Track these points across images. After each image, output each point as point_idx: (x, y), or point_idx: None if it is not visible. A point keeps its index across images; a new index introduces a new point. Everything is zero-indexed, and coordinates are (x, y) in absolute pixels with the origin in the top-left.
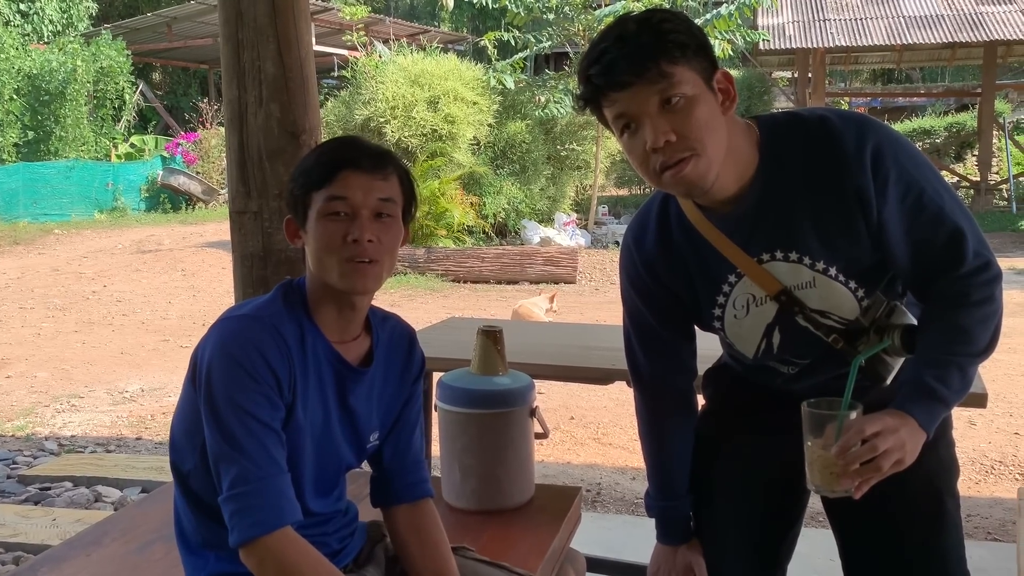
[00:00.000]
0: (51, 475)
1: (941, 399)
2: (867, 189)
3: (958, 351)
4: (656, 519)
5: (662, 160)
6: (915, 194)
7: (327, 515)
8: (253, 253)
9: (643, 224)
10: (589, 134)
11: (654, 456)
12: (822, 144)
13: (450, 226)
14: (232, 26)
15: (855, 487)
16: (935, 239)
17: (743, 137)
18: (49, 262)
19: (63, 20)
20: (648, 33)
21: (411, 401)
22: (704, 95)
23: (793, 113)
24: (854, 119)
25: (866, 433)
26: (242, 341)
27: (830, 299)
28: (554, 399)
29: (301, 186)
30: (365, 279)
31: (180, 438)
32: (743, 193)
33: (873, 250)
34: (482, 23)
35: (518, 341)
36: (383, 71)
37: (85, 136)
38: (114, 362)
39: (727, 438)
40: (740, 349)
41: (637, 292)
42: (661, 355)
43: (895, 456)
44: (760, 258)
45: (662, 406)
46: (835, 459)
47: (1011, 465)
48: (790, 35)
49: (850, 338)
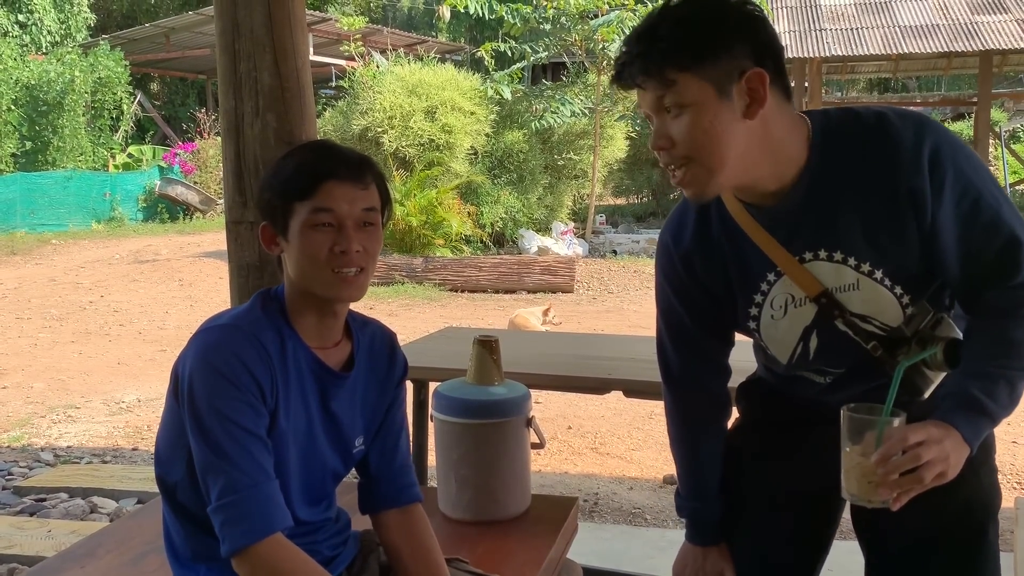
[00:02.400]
0: (47, 486)
1: (987, 413)
2: (923, 190)
3: (1008, 364)
4: (687, 519)
5: (664, 160)
6: (972, 198)
7: (317, 523)
8: (249, 263)
9: (681, 220)
10: (586, 143)
11: (685, 458)
12: (878, 142)
13: (448, 235)
14: (229, 36)
15: (894, 498)
16: (990, 246)
17: (789, 133)
18: (46, 272)
19: (61, 31)
20: (664, 36)
21: (395, 405)
22: (709, 104)
23: (848, 109)
24: (913, 117)
25: (909, 442)
26: (222, 350)
27: (873, 303)
28: (551, 409)
29: (281, 196)
30: (352, 288)
31: (165, 451)
32: (788, 189)
33: (922, 255)
34: (479, 33)
35: (514, 351)
36: (380, 81)
37: (83, 146)
38: (111, 372)
39: (760, 455)
40: (774, 353)
41: (673, 289)
42: (694, 355)
43: (938, 468)
44: (802, 257)
45: (693, 408)
46: (875, 467)
47: (1008, 474)
48: (786, 44)
49: (890, 346)
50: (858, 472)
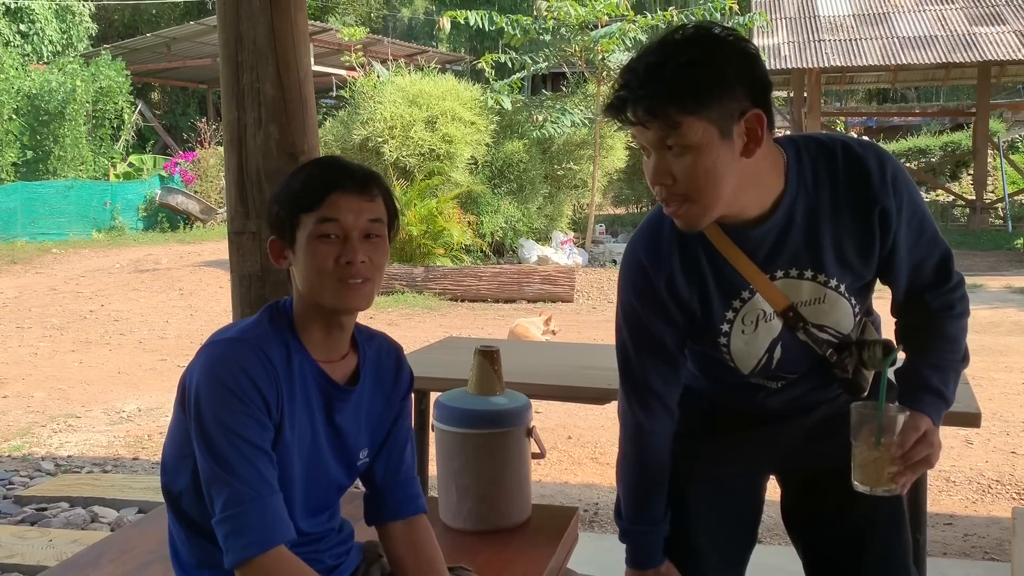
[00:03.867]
0: (47, 495)
1: (946, 400)
2: (890, 211)
3: (952, 357)
4: (630, 545)
5: (662, 195)
6: (919, 218)
7: (320, 534)
8: (251, 273)
9: (655, 237)
10: (586, 153)
11: (639, 479)
12: (850, 169)
13: (448, 245)
14: (232, 48)
15: (902, 485)
16: (929, 258)
17: (769, 163)
18: (47, 281)
19: (63, 40)
20: (670, 76)
21: (401, 418)
22: (712, 145)
23: (813, 138)
24: (872, 147)
25: (921, 431)
26: (229, 364)
27: (834, 314)
28: (551, 419)
29: (288, 208)
30: (357, 298)
31: (171, 461)
32: (767, 214)
33: (877, 268)
34: (480, 44)
35: (515, 361)
36: (381, 91)
37: (84, 155)
38: (111, 382)
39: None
40: (737, 365)
41: (648, 306)
42: (662, 372)
43: (939, 451)
44: (774, 275)
45: (656, 426)
46: (892, 459)
47: (1008, 484)
48: (786, 55)
49: (840, 351)
50: (876, 464)
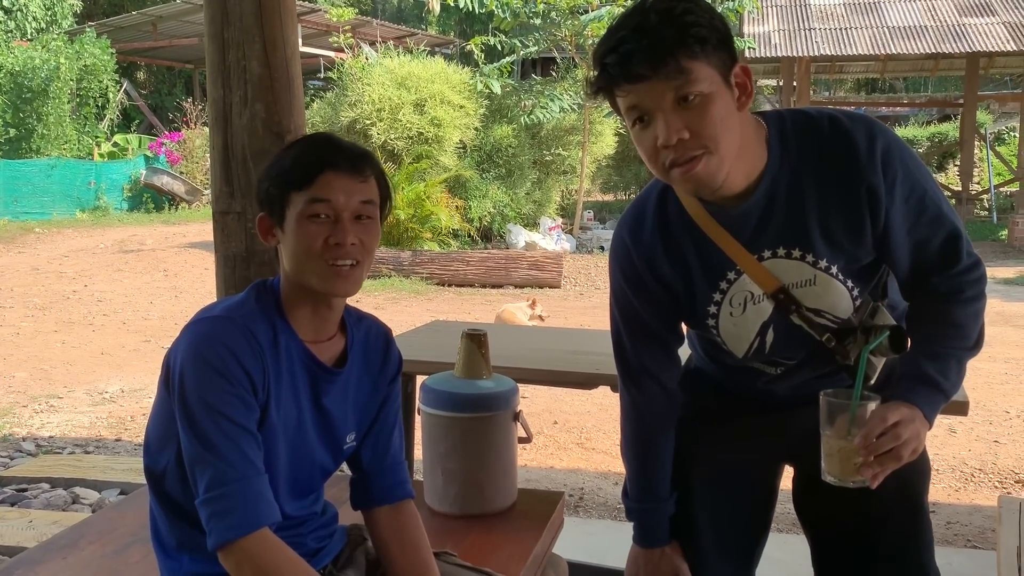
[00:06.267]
0: (28, 476)
1: (943, 391)
2: (878, 189)
3: (955, 344)
4: (636, 523)
5: (672, 157)
6: (918, 195)
7: (303, 517)
8: (236, 254)
9: (639, 219)
10: (575, 139)
11: (640, 459)
12: (835, 143)
13: (435, 229)
14: (218, 25)
15: (872, 477)
16: (934, 238)
17: (753, 133)
18: (29, 261)
19: (47, 17)
20: (669, 25)
21: (388, 402)
22: (721, 92)
23: (802, 111)
24: (863, 120)
25: (888, 423)
26: (214, 343)
27: (828, 297)
28: (538, 403)
29: (278, 185)
30: (347, 282)
31: (154, 441)
32: (751, 190)
33: (873, 249)
34: (469, 27)
35: (503, 345)
36: (369, 73)
37: (68, 134)
38: (94, 362)
39: (706, 443)
40: (730, 348)
41: (633, 288)
42: (654, 353)
43: (913, 445)
44: (761, 255)
45: (652, 405)
46: (856, 449)
47: (991, 473)
48: (775, 43)
49: (841, 337)
50: (841, 455)
